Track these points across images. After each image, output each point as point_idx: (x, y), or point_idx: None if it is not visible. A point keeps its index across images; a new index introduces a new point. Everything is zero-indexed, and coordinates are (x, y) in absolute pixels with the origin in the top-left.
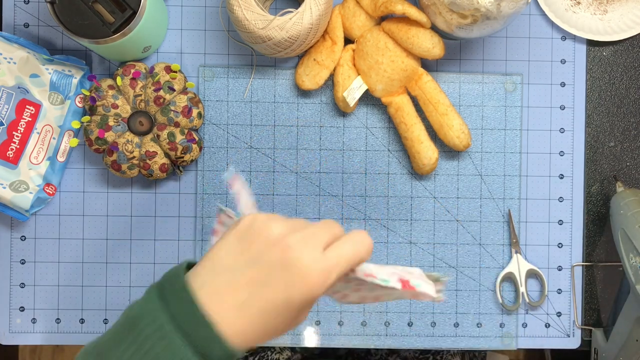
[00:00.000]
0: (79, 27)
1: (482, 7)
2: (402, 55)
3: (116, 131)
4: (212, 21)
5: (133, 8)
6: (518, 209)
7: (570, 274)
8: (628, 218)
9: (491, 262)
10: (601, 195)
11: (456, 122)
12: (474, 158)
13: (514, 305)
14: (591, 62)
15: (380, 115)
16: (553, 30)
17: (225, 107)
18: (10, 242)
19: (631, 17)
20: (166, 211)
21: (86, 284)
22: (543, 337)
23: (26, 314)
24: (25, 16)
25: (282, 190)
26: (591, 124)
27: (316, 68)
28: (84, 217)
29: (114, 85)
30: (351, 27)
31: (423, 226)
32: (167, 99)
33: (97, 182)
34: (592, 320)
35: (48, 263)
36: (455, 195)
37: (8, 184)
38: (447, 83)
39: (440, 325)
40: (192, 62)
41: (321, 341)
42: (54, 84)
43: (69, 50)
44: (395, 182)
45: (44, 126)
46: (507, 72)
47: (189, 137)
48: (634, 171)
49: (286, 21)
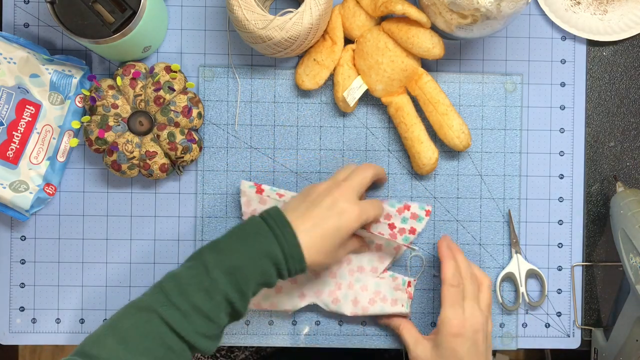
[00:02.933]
0: (79, 27)
1: (482, 7)
2: (402, 55)
3: (116, 131)
4: (212, 21)
5: (133, 8)
6: (518, 209)
7: (570, 274)
8: (628, 218)
9: (491, 262)
10: (601, 195)
11: (456, 122)
12: (474, 158)
13: (514, 305)
14: (591, 62)
15: (380, 115)
16: (553, 30)
17: (225, 107)
18: (10, 242)
19: (631, 17)
20: (166, 211)
21: (86, 284)
22: (543, 337)
23: (26, 314)
24: (25, 16)
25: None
26: (591, 124)
27: (316, 68)
28: (84, 217)
29: (114, 85)
30: (351, 27)
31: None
32: (167, 99)
33: (97, 182)
34: (592, 320)
35: (48, 263)
36: (455, 195)
37: (8, 184)
38: (447, 83)
39: None
40: (192, 62)
41: (321, 341)
42: (54, 84)
43: (69, 50)
44: (395, 182)
45: (44, 126)
46: (507, 72)
47: (189, 137)
48: (634, 171)
49: (286, 21)
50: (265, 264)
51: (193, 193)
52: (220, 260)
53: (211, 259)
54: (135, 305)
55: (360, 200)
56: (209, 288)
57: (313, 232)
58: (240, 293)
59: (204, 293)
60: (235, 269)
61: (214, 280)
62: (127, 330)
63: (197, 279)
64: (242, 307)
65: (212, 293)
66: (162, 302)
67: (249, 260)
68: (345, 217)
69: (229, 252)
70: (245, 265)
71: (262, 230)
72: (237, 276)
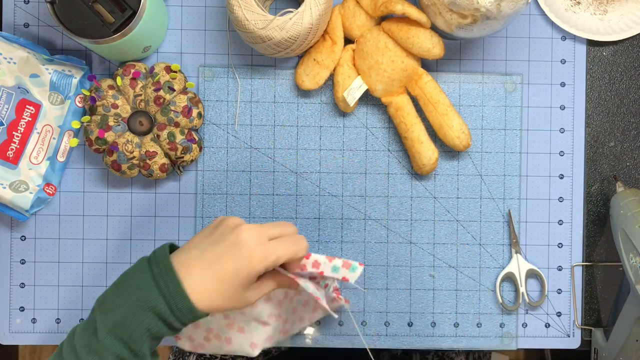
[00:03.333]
0: (79, 27)
1: (482, 7)
2: (402, 55)
3: (116, 131)
4: (212, 21)
5: (133, 8)
6: (518, 209)
7: (570, 274)
8: (628, 218)
9: (491, 262)
10: (601, 195)
11: (456, 122)
12: (474, 158)
13: (514, 305)
14: (591, 62)
15: (380, 115)
16: (553, 30)
17: (225, 107)
18: (10, 242)
19: (631, 17)
20: (166, 211)
21: (86, 284)
22: (543, 337)
23: (26, 314)
24: (25, 16)
25: (282, 190)
26: (591, 124)
27: (316, 68)
28: (84, 217)
29: (114, 85)
30: (351, 27)
31: (423, 226)
32: (167, 99)
33: (97, 182)
34: (592, 320)
35: (48, 263)
36: (455, 195)
37: (8, 184)
38: (447, 83)
39: (440, 325)
40: (192, 62)
41: (321, 341)
42: (54, 84)
43: (69, 50)
44: (395, 182)
45: (44, 126)
46: (507, 72)
47: (189, 137)
48: (634, 171)
49: (286, 21)
50: (148, 317)
51: (193, 193)
52: (105, 320)
53: (99, 318)
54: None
55: (272, 240)
56: (99, 350)
57: (208, 275)
58: (131, 351)
59: (96, 356)
60: (119, 326)
61: (102, 342)
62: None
63: (88, 340)
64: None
65: (103, 356)
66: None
67: (131, 315)
68: (245, 258)
69: (112, 308)
70: (128, 321)
71: (144, 279)
72: (122, 334)
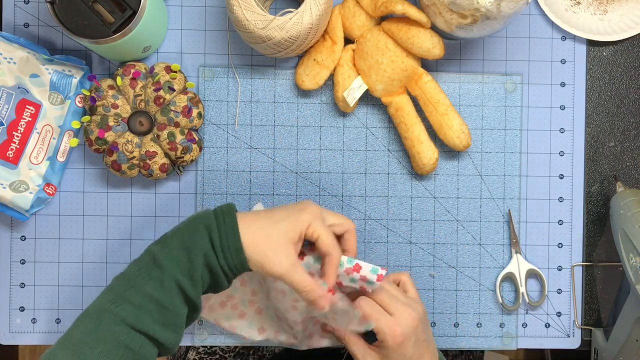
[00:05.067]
0: (79, 27)
1: (482, 7)
2: (402, 55)
3: (116, 131)
4: (212, 21)
5: (133, 8)
6: (518, 209)
7: (570, 274)
8: (628, 218)
9: (491, 262)
10: (601, 195)
11: (456, 122)
12: (474, 158)
13: (514, 305)
14: (591, 62)
15: (380, 115)
16: (553, 30)
17: (225, 107)
18: (10, 242)
19: (631, 17)
20: (166, 211)
21: (86, 284)
22: (543, 337)
23: (26, 314)
24: (25, 16)
25: (282, 190)
26: (591, 124)
27: (316, 68)
28: (84, 217)
29: (114, 85)
30: (351, 27)
31: (423, 226)
32: (167, 99)
33: (97, 182)
34: (592, 320)
35: (48, 263)
36: (455, 195)
37: (8, 184)
38: (447, 83)
39: (440, 325)
40: (192, 62)
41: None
42: (54, 84)
43: (69, 50)
44: (395, 182)
45: (44, 126)
46: (507, 72)
47: (189, 137)
48: (634, 171)
49: (286, 21)
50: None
51: (193, 193)
52: (165, 250)
53: (157, 250)
54: (85, 312)
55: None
56: (158, 275)
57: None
58: (189, 277)
59: (154, 281)
60: (180, 253)
61: (162, 267)
62: (79, 339)
63: (145, 269)
64: (194, 295)
65: (161, 279)
66: (112, 299)
67: (191, 243)
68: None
69: (173, 240)
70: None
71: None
72: (182, 259)
